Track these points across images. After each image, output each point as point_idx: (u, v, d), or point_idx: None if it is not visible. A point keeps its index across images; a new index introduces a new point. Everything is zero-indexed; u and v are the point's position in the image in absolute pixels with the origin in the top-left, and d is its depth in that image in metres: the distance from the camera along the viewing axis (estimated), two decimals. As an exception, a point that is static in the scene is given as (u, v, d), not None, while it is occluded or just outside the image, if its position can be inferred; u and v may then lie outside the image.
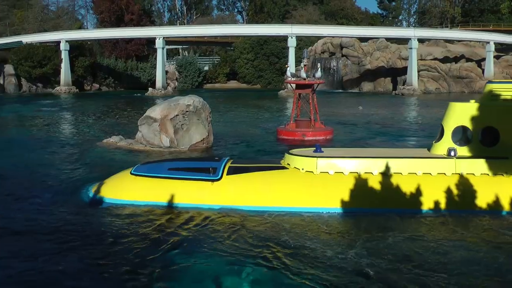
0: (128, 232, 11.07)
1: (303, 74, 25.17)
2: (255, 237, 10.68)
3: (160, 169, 13.73)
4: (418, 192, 12.34)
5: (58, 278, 8.91)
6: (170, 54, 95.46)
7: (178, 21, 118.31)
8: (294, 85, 25.81)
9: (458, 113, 13.25)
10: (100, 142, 22.99)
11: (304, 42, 74.25)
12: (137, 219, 11.96)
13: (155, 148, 21.02)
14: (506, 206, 12.14)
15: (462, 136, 13.28)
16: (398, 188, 12.42)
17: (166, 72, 71.10)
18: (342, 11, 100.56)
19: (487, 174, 12.47)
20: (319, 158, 13.02)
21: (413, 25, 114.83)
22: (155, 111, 21.44)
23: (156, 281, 8.76)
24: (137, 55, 77.69)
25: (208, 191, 12.83)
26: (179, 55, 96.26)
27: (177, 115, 21.11)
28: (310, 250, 9.96)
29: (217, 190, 12.83)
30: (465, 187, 12.30)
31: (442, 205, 12.23)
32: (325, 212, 12.28)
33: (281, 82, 68.07)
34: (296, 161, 13.26)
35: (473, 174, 12.47)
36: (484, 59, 68.54)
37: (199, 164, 14.25)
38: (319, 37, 73.66)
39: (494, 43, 67.99)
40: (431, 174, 12.58)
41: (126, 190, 13.28)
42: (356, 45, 70.66)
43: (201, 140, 21.54)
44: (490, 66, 67.09)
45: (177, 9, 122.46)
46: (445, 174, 12.54)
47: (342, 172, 12.77)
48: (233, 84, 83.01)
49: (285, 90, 59.47)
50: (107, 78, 73.81)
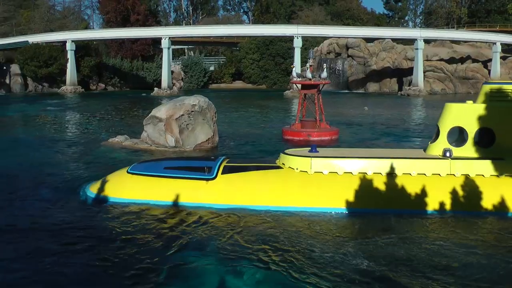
0: (123, 231, 11.12)
1: (308, 75, 25.14)
2: (251, 237, 10.68)
3: (156, 167, 13.83)
4: (412, 193, 12.32)
5: (53, 277, 8.93)
6: (176, 54, 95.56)
7: (184, 21, 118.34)
8: (299, 86, 25.79)
9: (453, 114, 13.23)
10: (105, 141, 23.02)
11: (310, 42, 74.16)
12: (132, 217, 12.03)
13: (160, 147, 21.02)
14: (500, 207, 12.07)
15: (458, 137, 13.26)
16: (392, 189, 12.41)
17: (172, 72, 71.16)
18: (348, 12, 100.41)
19: (482, 175, 12.41)
20: (313, 158, 13.06)
21: (419, 25, 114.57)
22: (161, 111, 21.45)
23: (153, 279, 8.77)
24: (143, 55, 77.76)
25: (203, 190, 12.91)
26: (184, 55, 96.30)
27: (182, 115, 21.12)
28: (306, 250, 9.96)
29: (211, 189, 12.90)
30: (460, 188, 12.26)
31: (436, 206, 12.19)
32: (318, 212, 12.29)
33: (287, 82, 67.98)
34: (291, 160, 13.30)
35: (468, 175, 12.44)
36: (490, 60, 68.28)
37: (195, 163, 14.30)
38: (325, 38, 73.55)
39: (501, 43, 67.70)
40: (425, 174, 12.55)
41: (122, 188, 13.37)
42: (362, 46, 70.51)
43: (206, 140, 21.53)
44: (496, 67, 66.82)
45: (183, 9, 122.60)
46: (439, 175, 12.53)
47: (336, 172, 12.80)
48: (238, 84, 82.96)
49: (291, 90, 59.41)
50: (112, 78, 73.93)
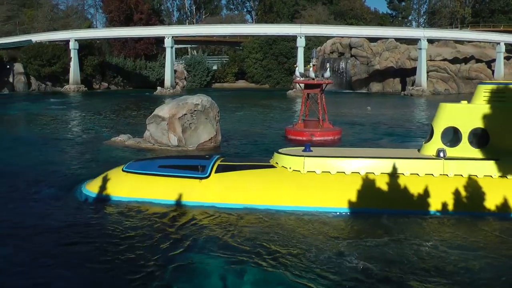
0: (116, 229, 11.14)
1: (311, 74, 25.11)
2: (244, 236, 10.69)
3: (151, 166, 13.88)
4: (404, 193, 12.29)
5: (49, 277, 8.94)
6: (179, 53, 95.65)
7: (187, 21, 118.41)
8: (302, 85, 25.77)
9: (448, 114, 13.18)
10: (108, 140, 23.03)
11: (313, 42, 74.14)
12: (125, 216, 12.08)
13: (163, 147, 21.00)
14: (493, 207, 12.02)
15: (452, 137, 13.21)
16: (384, 189, 12.40)
17: (175, 71, 71.18)
18: (352, 11, 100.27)
19: (475, 176, 12.37)
20: (306, 157, 13.06)
21: (423, 25, 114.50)
22: (164, 110, 21.44)
23: (148, 278, 8.78)
24: (146, 54, 77.79)
25: (196, 189, 12.94)
26: (188, 54, 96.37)
27: (185, 114, 21.10)
28: (300, 250, 9.96)
29: (205, 187, 12.93)
30: (452, 188, 12.22)
31: (428, 206, 12.17)
32: (311, 211, 12.30)
33: (290, 82, 67.95)
34: (284, 160, 13.32)
35: (461, 175, 12.40)
36: (494, 60, 68.12)
37: (189, 161, 14.30)
38: (328, 37, 73.48)
39: (505, 44, 67.53)
40: (418, 174, 12.52)
41: (117, 186, 13.43)
42: (365, 45, 70.45)
43: (209, 139, 21.51)
44: (500, 67, 66.65)
45: (186, 9, 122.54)
46: (432, 175, 12.50)
47: (329, 172, 12.80)
48: (241, 83, 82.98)
49: (294, 90, 59.36)
50: (115, 77, 73.99)
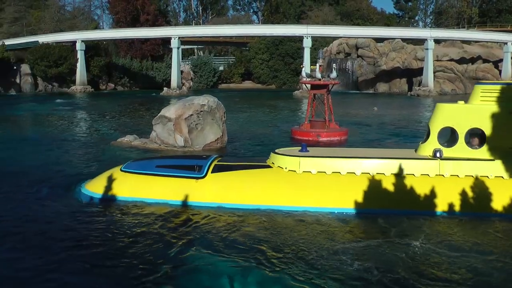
0: (113, 229, 11.21)
1: (318, 75, 25.07)
2: (240, 236, 10.72)
3: (148, 166, 13.97)
4: (400, 193, 12.26)
5: (43, 275, 8.97)
6: (185, 54, 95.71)
7: (193, 21, 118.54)
8: (309, 86, 25.73)
9: (444, 114, 13.14)
10: (115, 141, 23.04)
11: (319, 42, 74.09)
12: (123, 216, 12.18)
13: (170, 147, 21.01)
14: (489, 208, 11.97)
15: (448, 137, 13.20)
16: (379, 189, 12.38)
17: (181, 72, 71.23)
18: (358, 12, 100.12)
19: (471, 176, 12.32)
20: (302, 158, 13.08)
21: (430, 25, 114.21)
22: (170, 111, 21.45)
23: (144, 277, 8.79)
24: (152, 55, 77.90)
25: (193, 189, 12.99)
26: (194, 55, 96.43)
27: (191, 114, 21.10)
28: (296, 250, 9.97)
29: (201, 187, 12.98)
30: (448, 188, 12.19)
31: (423, 206, 12.13)
32: (307, 211, 12.30)
33: (296, 82, 67.93)
34: (280, 160, 13.34)
35: (457, 175, 12.36)
36: (501, 60, 67.84)
37: (187, 161, 14.37)
38: (334, 38, 73.39)
39: (512, 43, 67.34)
40: (414, 175, 12.49)
41: (115, 186, 13.53)
42: (371, 46, 70.32)
43: (215, 140, 21.50)
44: (507, 67, 66.35)
45: (193, 9, 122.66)
46: (428, 175, 12.46)
47: (324, 172, 12.79)
48: (248, 84, 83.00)
49: (300, 90, 59.33)
50: (122, 77, 74.14)
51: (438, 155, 12.70)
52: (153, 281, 8.66)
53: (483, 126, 12.61)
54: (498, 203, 11.97)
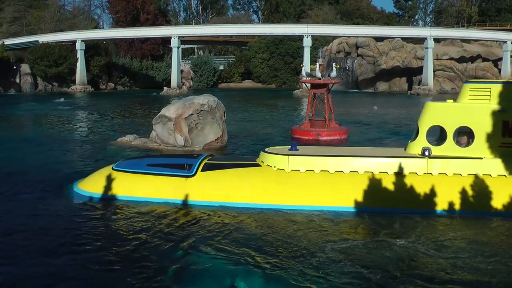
0: (102, 227, 11.31)
1: (318, 74, 25.07)
2: (229, 235, 10.77)
3: (139, 165, 14.07)
4: (388, 192, 12.31)
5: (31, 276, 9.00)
6: (185, 54, 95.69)
7: (193, 21, 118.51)
8: (309, 85, 25.73)
9: (433, 113, 13.20)
10: (115, 140, 23.07)
11: (319, 41, 74.06)
12: (112, 214, 12.26)
13: (170, 147, 21.02)
14: (476, 206, 11.98)
15: (437, 135, 13.27)
16: (367, 187, 12.42)
17: (181, 71, 71.19)
18: (358, 11, 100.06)
19: (459, 174, 12.36)
20: (290, 156, 13.14)
21: (429, 24, 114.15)
22: (170, 110, 21.46)
23: (135, 276, 8.81)
24: (152, 55, 77.86)
25: (182, 187, 13.06)
26: (194, 55, 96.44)
27: (191, 114, 21.11)
28: (284, 248, 10.01)
29: (191, 186, 13.05)
30: (436, 187, 12.22)
31: (410, 204, 12.16)
32: (295, 210, 12.34)
33: (296, 81, 67.87)
34: (269, 158, 13.41)
35: (445, 174, 12.41)
36: (501, 58, 67.84)
37: (177, 160, 14.43)
38: (334, 37, 73.36)
39: (511, 42, 67.26)
40: (402, 173, 12.52)
41: (106, 185, 13.62)
42: (371, 45, 70.32)
43: (215, 139, 21.52)
44: (507, 66, 66.37)
45: (193, 9, 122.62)
46: (416, 173, 12.50)
47: (313, 170, 12.84)
48: (248, 83, 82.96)
49: (300, 89, 59.32)
50: (122, 77, 74.10)
51: (426, 153, 12.76)
52: (144, 279, 8.68)
53: (472, 125, 12.68)
54: (486, 201, 12.02)
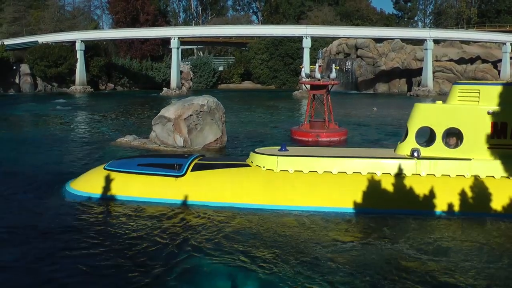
0: (92, 227, 11.33)
1: (317, 75, 25.09)
2: (218, 235, 10.77)
3: (130, 164, 14.13)
4: (376, 192, 12.33)
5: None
6: (185, 54, 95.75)
7: (193, 22, 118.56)
8: (308, 86, 25.74)
9: (422, 114, 13.22)
10: (114, 141, 23.07)
11: (319, 42, 74.14)
12: (103, 213, 12.33)
13: (169, 147, 21.03)
14: (464, 207, 11.99)
15: (426, 137, 13.31)
16: (355, 188, 12.44)
17: (181, 72, 71.21)
18: (358, 12, 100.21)
19: (448, 175, 12.39)
20: (279, 157, 13.18)
21: (429, 26, 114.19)
22: (169, 111, 21.46)
23: (129, 275, 8.82)
24: (152, 55, 77.95)
25: (172, 187, 13.14)
26: (194, 55, 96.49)
27: (191, 115, 21.12)
28: (272, 248, 10.00)
29: (180, 185, 13.11)
30: (424, 188, 12.25)
31: (398, 205, 12.18)
32: (283, 210, 12.36)
33: (296, 82, 67.95)
34: (258, 159, 13.45)
35: (434, 175, 12.44)
36: (500, 60, 67.89)
37: (167, 160, 14.48)
38: (334, 38, 73.44)
39: (511, 44, 67.21)
40: (391, 174, 12.55)
41: (98, 184, 13.67)
42: (371, 46, 70.37)
43: (215, 140, 21.53)
44: (506, 67, 66.41)
45: (193, 10, 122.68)
46: (405, 174, 12.52)
47: (301, 171, 12.88)
48: (247, 84, 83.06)
49: (300, 90, 59.40)
50: (122, 78, 74.15)
51: (415, 154, 12.78)
52: (133, 277, 8.71)
53: (461, 126, 12.70)
54: (474, 202, 12.01)
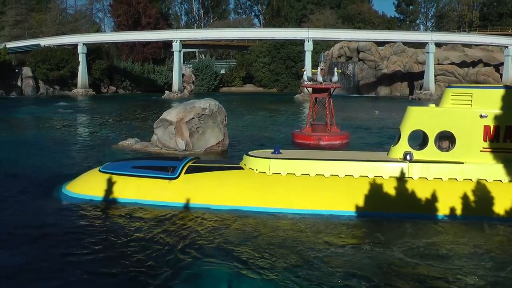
0: (84, 228, 11.33)
1: (319, 78, 25.07)
2: (209, 237, 10.76)
3: (125, 167, 14.19)
4: (368, 195, 12.31)
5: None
6: (187, 57, 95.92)
7: (195, 25, 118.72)
8: (310, 89, 25.72)
9: (414, 117, 13.23)
10: (116, 144, 23.05)
11: (320, 46, 74.13)
12: (97, 215, 12.34)
13: (171, 150, 21.00)
14: (456, 211, 11.96)
15: (419, 140, 13.32)
16: (347, 191, 12.46)
17: (183, 75, 71.32)
18: (359, 15, 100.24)
19: (440, 179, 12.37)
20: (272, 159, 13.22)
21: (431, 29, 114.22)
22: (171, 114, 21.44)
23: (119, 277, 8.82)
24: (154, 58, 78.06)
25: (165, 189, 13.18)
26: (195, 58, 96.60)
27: (193, 118, 21.11)
28: (264, 251, 9.96)
29: (174, 188, 13.16)
30: (416, 191, 12.24)
31: (390, 208, 12.16)
32: (275, 212, 12.35)
33: (298, 86, 68.02)
34: (251, 162, 13.48)
35: (426, 178, 12.42)
36: (502, 63, 67.91)
37: (162, 163, 14.56)
38: (336, 41, 73.56)
39: (513, 47, 67.37)
40: (383, 177, 12.53)
41: (92, 186, 13.76)
42: (373, 49, 70.39)
43: (217, 144, 21.51)
44: (508, 70, 66.42)
45: (194, 13, 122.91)
46: (397, 177, 12.51)
47: (294, 174, 12.91)
48: (249, 87, 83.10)
49: (301, 94, 59.46)
50: (123, 81, 74.21)
51: (408, 157, 12.77)
52: (130, 280, 8.70)
53: (453, 129, 12.70)
54: (466, 205, 11.98)
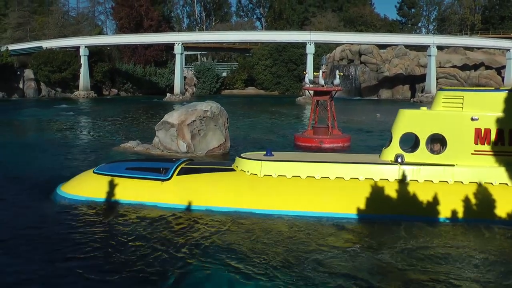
0: (77, 229, 11.41)
1: (321, 81, 25.07)
2: (200, 238, 10.82)
3: (119, 168, 14.31)
4: (359, 197, 12.35)
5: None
6: (189, 60, 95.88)
7: (197, 27, 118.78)
8: (312, 92, 25.73)
9: (406, 120, 13.28)
10: (117, 146, 23.08)
11: (322, 49, 74.15)
12: (90, 216, 12.47)
13: (172, 153, 21.01)
14: (447, 213, 11.98)
15: (410, 142, 13.37)
16: (337, 193, 12.51)
17: (184, 77, 71.34)
18: (361, 18, 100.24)
19: (431, 181, 12.40)
20: (263, 161, 13.29)
21: (433, 32, 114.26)
22: (173, 116, 21.46)
23: (114, 279, 8.82)
24: (155, 61, 78.13)
25: (158, 190, 13.30)
26: (197, 61, 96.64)
27: (194, 120, 21.12)
28: (257, 253, 10.00)
29: (166, 189, 13.28)
30: (406, 193, 12.27)
31: (381, 210, 12.20)
32: (266, 214, 12.40)
33: (299, 88, 67.96)
34: (243, 163, 13.57)
35: (417, 180, 12.45)
36: (504, 66, 67.85)
37: (155, 164, 14.71)
38: (337, 44, 73.52)
39: (515, 50, 67.30)
40: (374, 179, 12.56)
41: (87, 187, 13.89)
42: (374, 52, 70.38)
43: (218, 146, 21.53)
44: (510, 73, 66.35)
45: (196, 15, 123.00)
46: (387, 180, 12.54)
47: (285, 176, 12.97)
48: (251, 90, 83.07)
49: (303, 96, 59.41)
50: (125, 83, 74.24)
51: (399, 160, 12.81)
52: (124, 281, 8.73)
53: (444, 132, 12.74)
54: (456, 208, 12.00)
